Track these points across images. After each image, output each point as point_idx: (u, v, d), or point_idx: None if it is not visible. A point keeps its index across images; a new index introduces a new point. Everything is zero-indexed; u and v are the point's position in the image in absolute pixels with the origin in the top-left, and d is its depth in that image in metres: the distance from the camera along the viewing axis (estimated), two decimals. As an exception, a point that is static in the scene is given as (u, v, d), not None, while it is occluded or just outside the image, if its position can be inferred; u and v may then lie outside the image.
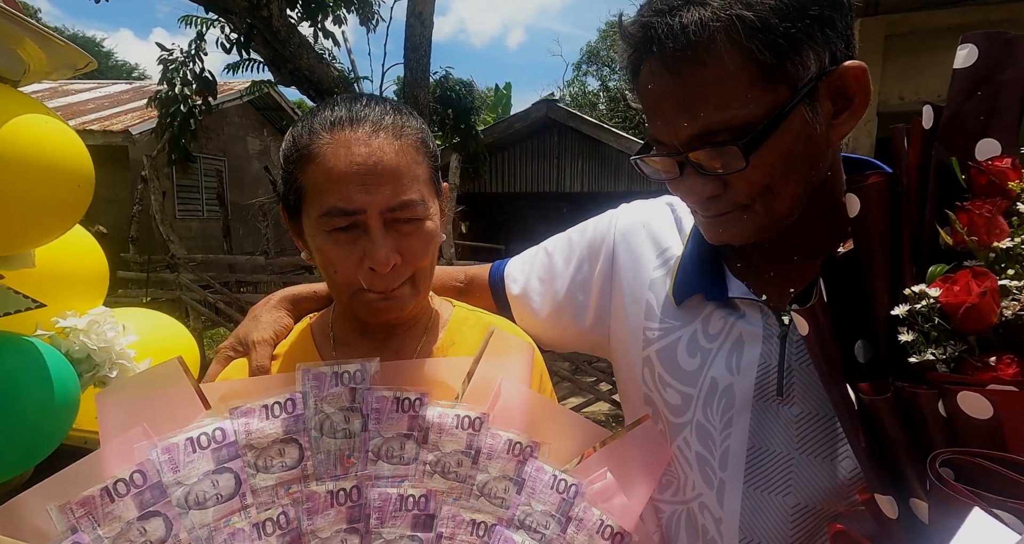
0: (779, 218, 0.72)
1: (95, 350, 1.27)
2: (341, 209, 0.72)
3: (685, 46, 0.63)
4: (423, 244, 0.77)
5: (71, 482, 0.62)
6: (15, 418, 1.07)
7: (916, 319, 0.54)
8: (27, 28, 1.01)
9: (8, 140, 0.98)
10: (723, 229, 0.73)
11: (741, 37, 0.62)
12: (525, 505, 0.74)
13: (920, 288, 0.54)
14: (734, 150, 0.64)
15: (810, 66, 0.64)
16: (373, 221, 0.73)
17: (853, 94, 0.67)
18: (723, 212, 0.71)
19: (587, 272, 0.94)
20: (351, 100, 0.78)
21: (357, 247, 0.74)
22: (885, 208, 0.60)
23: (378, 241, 0.73)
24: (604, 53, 23.71)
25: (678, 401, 0.80)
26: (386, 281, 0.75)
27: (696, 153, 0.67)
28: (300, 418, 0.70)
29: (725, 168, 0.67)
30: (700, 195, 0.71)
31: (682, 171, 0.70)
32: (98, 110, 10.65)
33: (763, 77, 0.63)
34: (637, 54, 0.69)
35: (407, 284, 0.78)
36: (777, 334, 0.74)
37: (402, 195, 0.73)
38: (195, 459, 0.66)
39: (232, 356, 0.88)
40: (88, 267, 1.43)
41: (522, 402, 0.79)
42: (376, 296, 0.76)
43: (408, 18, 6.24)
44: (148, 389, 0.69)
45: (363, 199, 0.72)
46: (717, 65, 0.63)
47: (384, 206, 0.72)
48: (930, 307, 0.53)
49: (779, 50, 0.62)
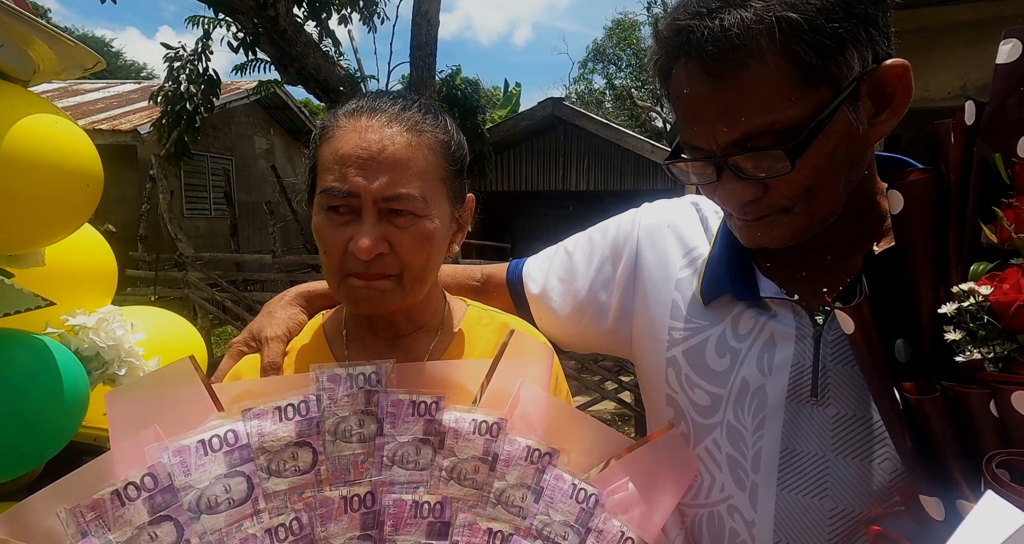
0: (819, 220, 0.70)
1: (104, 348, 1.27)
2: (336, 189, 0.73)
3: (726, 49, 0.61)
4: (415, 242, 0.75)
5: (81, 484, 0.61)
6: (25, 415, 1.07)
7: (964, 317, 0.52)
8: (37, 28, 1.01)
9: (18, 140, 0.98)
10: (761, 233, 0.71)
11: (786, 39, 0.60)
12: (543, 514, 0.72)
13: (969, 286, 0.52)
14: (779, 154, 0.63)
15: (853, 66, 0.62)
16: (367, 208, 0.73)
17: (894, 92, 0.65)
18: (762, 216, 0.70)
19: (609, 272, 0.92)
20: (378, 94, 0.80)
21: (347, 230, 0.74)
22: (930, 205, 0.58)
23: (365, 228, 0.72)
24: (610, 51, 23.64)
25: (707, 402, 0.79)
26: (366, 268, 0.74)
27: (736, 158, 0.66)
28: (314, 421, 0.68)
29: (768, 172, 0.65)
30: (740, 199, 0.69)
31: (719, 176, 0.69)
32: (107, 110, 10.71)
33: (806, 79, 0.61)
34: (671, 58, 0.67)
35: (391, 279, 0.76)
36: (811, 334, 0.72)
37: (400, 187, 0.73)
38: (207, 462, 0.64)
39: (244, 351, 0.88)
40: (97, 265, 1.42)
41: (541, 407, 0.77)
42: (358, 283, 0.75)
43: (414, 17, 6.22)
44: (159, 389, 0.67)
45: (358, 183, 0.72)
46: (760, 68, 0.61)
47: (379, 194, 0.72)
48: (979, 305, 0.51)
49: (824, 51, 0.60)
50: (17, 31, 1.00)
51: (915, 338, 0.58)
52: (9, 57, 1.02)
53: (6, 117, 0.97)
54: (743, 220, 0.72)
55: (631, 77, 23.03)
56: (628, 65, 23.21)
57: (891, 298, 0.59)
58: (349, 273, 0.75)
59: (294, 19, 5.93)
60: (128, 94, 12.07)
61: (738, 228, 0.74)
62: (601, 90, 24.72)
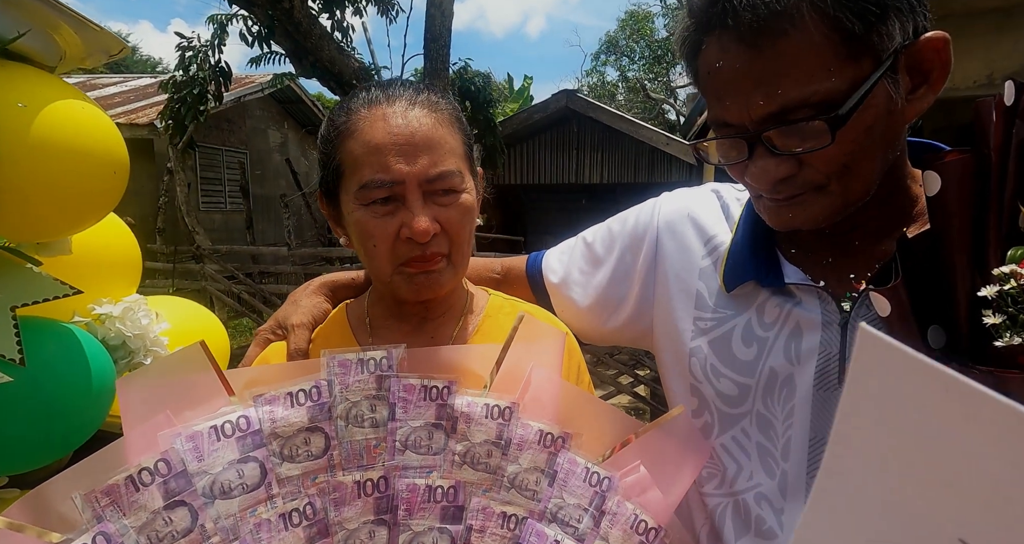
0: (854, 199, 0.67)
1: (130, 337, 1.28)
2: (380, 180, 0.72)
3: (766, 17, 0.59)
4: (460, 216, 0.76)
5: (95, 470, 0.61)
6: (53, 404, 1.08)
7: (1004, 301, 0.49)
8: (63, 11, 1.00)
9: (47, 126, 0.97)
10: (793, 213, 0.68)
11: (829, 5, 0.57)
12: (557, 498, 0.71)
13: (1011, 268, 0.49)
14: (819, 126, 0.60)
15: (895, 36, 0.59)
16: (412, 192, 0.73)
17: (932, 67, 0.63)
18: (795, 194, 0.67)
19: (630, 262, 0.91)
20: (387, 82, 0.80)
21: (395, 219, 0.73)
22: (968, 186, 0.55)
23: (417, 210, 0.72)
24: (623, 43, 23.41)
25: (734, 392, 0.77)
26: (424, 251, 0.74)
27: (771, 133, 0.63)
28: (325, 406, 0.68)
29: (807, 146, 0.62)
30: (774, 176, 0.66)
31: (751, 153, 0.66)
32: (124, 104, 10.83)
33: (848, 48, 0.59)
34: (703, 31, 0.65)
35: (444, 260, 0.77)
36: (838, 321, 0.70)
37: (440, 165, 0.73)
38: (219, 448, 0.64)
39: (271, 339, 0.89)
40: (122, 254, 1.43)
41: (553, 391, 0.76)
42: (415, 271, 0.76)
43: (428, 8, 6.20)
44: (170, 375, 0.67)
45: (401, 169, 0.72)
46: (800, 37, 0.59)
47: (422, 176, 0.72)
48: (1020, 288, 0.49)
49: (868, 19, 0.58)
50: (43, 15, 0.99)
51: (951, 323, 0.55)
52: (36, 42, 1.02)
53: (35, 103, 0.96)
54: (774, 200, 0.69)
55: (644, 69, 22.82)
56: (641, 57, 22.99)
57: (925, 283, 0.57)
58: (402, 262, 0.76)
59: (309, 11, 5.93)
60: (145, 88, 12.19)
61: (768, 210, 0.71)
62: (614, 82, 24.52)
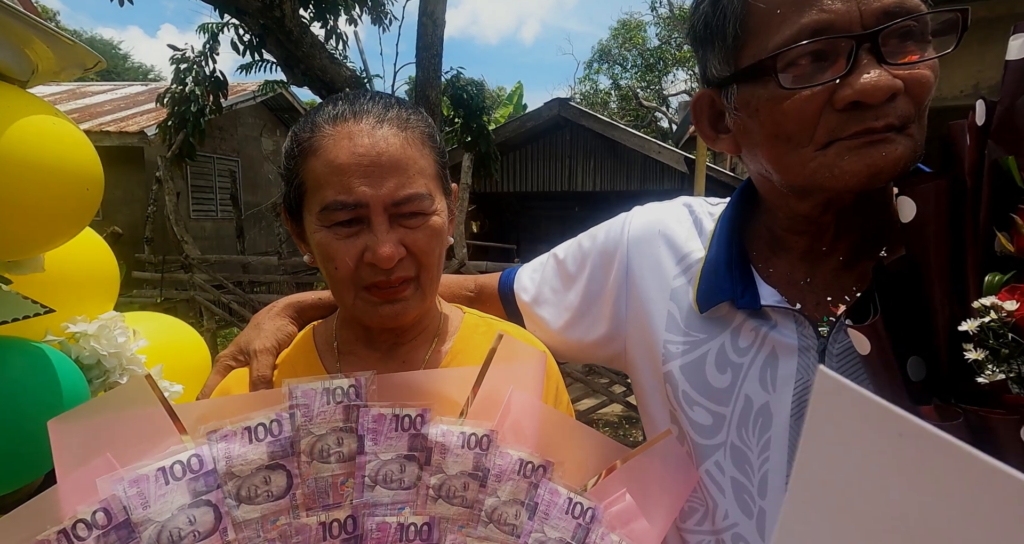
0: (918, 153, 0.61)
1: (105, 355, 1.25)
2: (342, 202, 0.69)
3: None
4: (429, 240, 0.73)
5: (24, 524, 0.54)
6: (24, 426, 1.04)
7: (986, 335, 0.47)
8: (35, 26, 0.98)
9: (14, 141, 0.95)
10: (887, 151, 0.59)
11: None
12: (538, 532, 0.68)
13: (992, 300, 0.47)
14: (952, 19, 0.54)
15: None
16: (376, 215, 0.70)
17: None
18: (892, 126, 0.58)
19: (600, 280, 0.88)
20: (354, 95, 0.75)
21: (359, 241, 0.70)
22: (944, 212, 0.54)
23: (381, 235, 0.69)
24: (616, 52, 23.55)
25: (708, 421, 0.74)
26: (388, 276, 0.71)
27: (891, 29, 0.55)
28: (287, 441, 0.64)
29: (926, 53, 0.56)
30: (885, 91, 0.57)
31: (854, 64, 0.57)
32: (114, 112, 10.76)
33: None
34: None
35: (411, 285, 0.74)
36: (815, 347, 0.67)
37: (407, 188, 0.70)
38: (168, 492, 0.59)
39: (232, 365, 0.84)
40: (98, 270, 1.39)
41: (534, 416, 0.73)
42: (379, 299, 0.73)
43: (420, 17, 6.20)
44: (112, 412, 0.61)
45: (366, 192, 0.69)
46: None
47: (388, 200, 0.69)
48: (1002, 322, 0.47)
49: None
50: (14, 29, 0.97)
51: (931, 355, 0.53)
52: (6, 56, 0.99)
53: (2, 118, 0.93)
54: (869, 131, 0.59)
55: (636, 77, 22.96)
56: (634, 66, 23.13)
57: (902, 311, 0.55)
58: (365, 286, 0.72)
59: (300, 20, 5.92)
60: (135, 96, 12.13)
61: (853, 152, 0.60)
62: (606, 90, 24.64)
